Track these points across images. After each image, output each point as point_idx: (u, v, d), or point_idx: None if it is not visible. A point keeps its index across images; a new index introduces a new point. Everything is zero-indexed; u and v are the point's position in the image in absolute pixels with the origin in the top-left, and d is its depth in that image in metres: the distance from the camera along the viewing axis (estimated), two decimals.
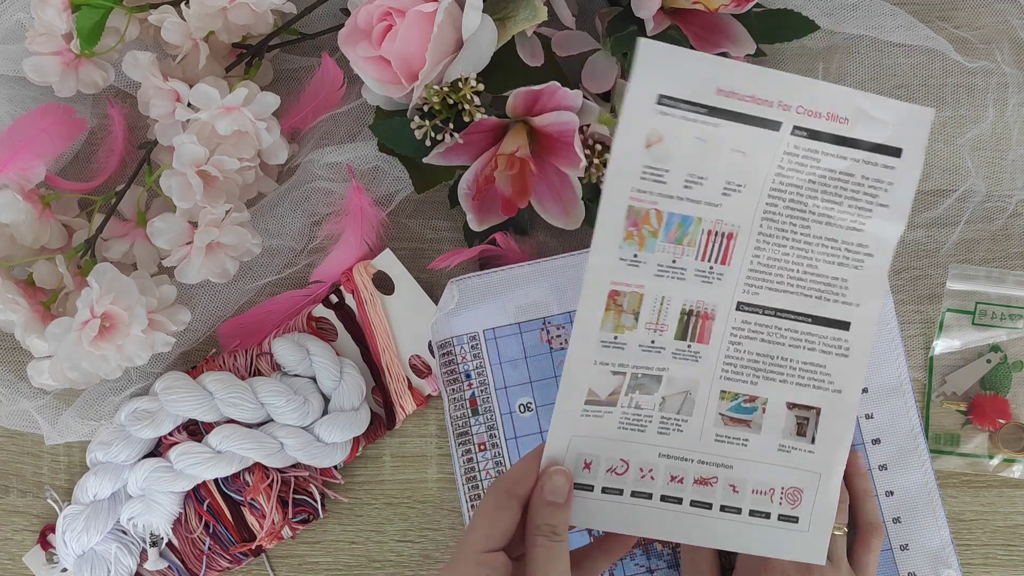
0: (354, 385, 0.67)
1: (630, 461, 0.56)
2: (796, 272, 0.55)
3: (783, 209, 0.55)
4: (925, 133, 0.54)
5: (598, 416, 0.56)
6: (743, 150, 0.53)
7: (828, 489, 0.57)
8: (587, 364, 0.55)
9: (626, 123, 0.52)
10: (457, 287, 0.67)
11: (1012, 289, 0.69)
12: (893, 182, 0.54)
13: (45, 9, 0.62)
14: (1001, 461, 0.68)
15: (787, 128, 0.53)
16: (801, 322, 0.56)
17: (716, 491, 0.56)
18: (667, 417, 0.56)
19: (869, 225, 0.55)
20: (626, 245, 0.54)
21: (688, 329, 0.56)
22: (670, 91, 0.52)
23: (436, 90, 0.61)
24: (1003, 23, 0.70)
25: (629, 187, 0.53)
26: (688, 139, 0.53)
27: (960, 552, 0.68)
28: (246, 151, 0.64)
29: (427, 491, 0.70)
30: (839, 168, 0.54)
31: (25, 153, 0.64)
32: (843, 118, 0.53)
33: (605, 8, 0.67)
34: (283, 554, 0.70)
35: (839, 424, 0.56)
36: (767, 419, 0.56)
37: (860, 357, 0.56)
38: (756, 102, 0.53)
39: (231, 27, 0.63)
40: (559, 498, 0.53)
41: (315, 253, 0.70)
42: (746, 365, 0.56)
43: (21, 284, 0.64)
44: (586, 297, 0.54)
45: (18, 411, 0.68)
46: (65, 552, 0.67)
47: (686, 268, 0.55)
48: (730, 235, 0.55)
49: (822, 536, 0.57)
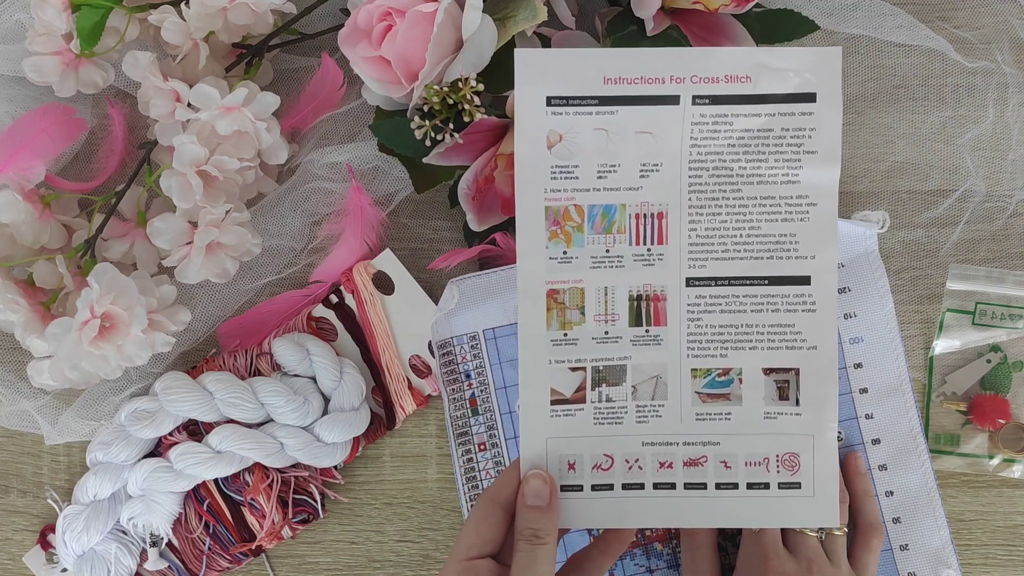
0: (354, 385, 0.67)
1: (614, 455, 0.56)
2: (739, 237, 0.55)
3: (708, 178, 0.55)
4: (837, 71, 0.54)
5: (570, 415, 0.56)
6: (649, 130, 0.54)
7: (825, 448, 0.56)
8: (541, 365, 0.56)
9: (521, 131, 0.54)
10: (457, 287, 0.67)
11: (1012, 289, 0.69)
12: (815, 127, 0.54)
13: (45, 9, 0.62)
14: (1001, 461, 0.68)
15: (686, 99, 0.54)
16: (758, 285, 0.55)
17: (708, 470, 0.56)
18: (642, 405, 0.56)
19: (803, 175, 0.55)
20: (552, 244, 0.55)
21: (641, 314, 0.56)
22: (556, 91, 0.54)
23: (436, 90, 0.61)
24: (1003, 23, 0.70)
25: (541, 188, 0.55)
26: (588, 132, 0.54)
27: (960, 552, 0.68)
28: (246, 151, 0.64)
29: (427, 491, 0.70)
30: (755, 126, 0.54)
31: (25, 153, 0.64)
32: (744, 77, 0.54)
33: (605, 8, 0.66)
34: (283, 554, 0.70)
35: (822, 381, 0.55)
36: (745, 389, 0.56)
37: (828, 309, 0.55)
38: (647, 82, 0.54)
39: (231, 27, 0.63)
40: (540, 501, 0.54)
41: (315, 253, 0.70)
42: (711, 339, 0.56)
43: (21, 284, 0.64)
44: (523, 301, 0.56)
45: (18, 411, 0.68)
46: (65, 552, 0.67)
47: (622, 255, 0.55)
48: (660, 214, 0.55)
49: (830, 498, 0.55)
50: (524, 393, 0.56)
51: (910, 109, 0.71)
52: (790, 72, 0.54)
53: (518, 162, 0.55)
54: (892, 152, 0.71)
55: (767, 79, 0.54)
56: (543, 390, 0.56)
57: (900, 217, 0.70)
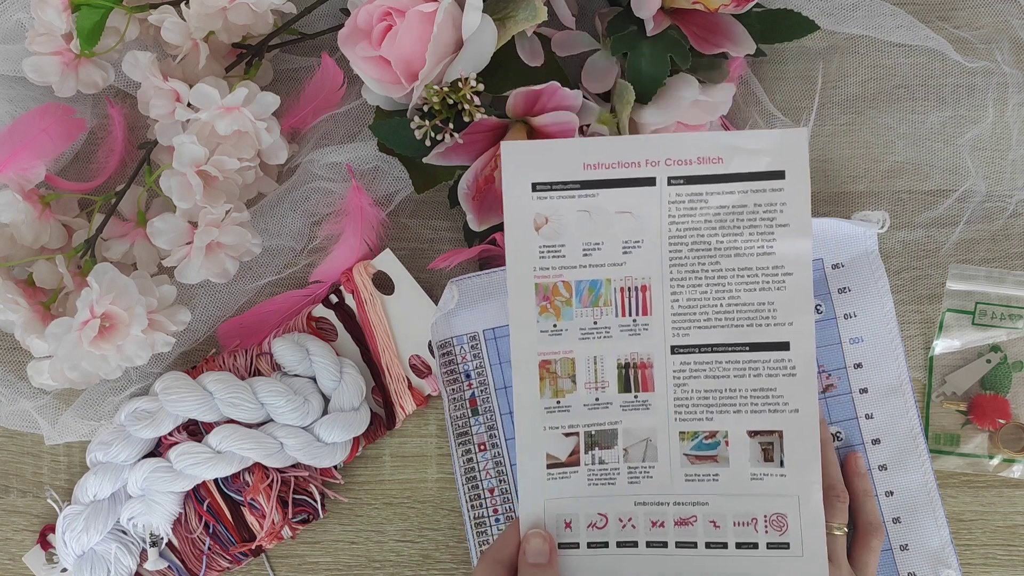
0: (354, 385, 0.67)
1: (608, 514, 0.59)
2: (720, 306, 0.58)
3: (688, 252, 0.58)
4: (804, 150, 0.57)
5: (565, 477, 0.59)
6: (629, 210, 0.58)
7: (811, 508, 0.58)
8: (536, 431, 0.60)
9: (510, 215, 0.59)
10: (457, 287, 0.67)
11: (1012, 289, 0.69)
12: (786, 202, 0.57)
13: (45, 9, 0.62)
14: (1001, 461, 0.68)
15: (662, 181, 0.58)
16: (740, 351, 0.58)
17: (698, 529, 0.58)
18: (634, 466, 0.59)
19: (777, 246, 0.57)
20: (542, 318, 0.59)
21: (629, 381, 0.59)
22: (541, 178, 0.58)
23: (436, 90, 0.61)
24: (1003, 23, 0.70)
25: (531, 267, 0.59)
26: (572, 213, 0.58)
27: (960, 552, 0.68)
28: (246, 151, 0.64)
29: (427, 491, 0.70)
30: (730, 203, 0.57)
31: (25, 153, 0.64)
32: (715, 159, 0.57)
33: (605, 8, 0.66)
34: (283, 554, 0.70)
35: (804, 442, 0.58)
36: (732, 451, 0.58)
37: (807, 373, 0.58)
38: (624, 166, 0.58)
39: (231, 27, 0.63)
40: (541, 559, 0.57)
41: (315, 253, 0.70)
42: (697, 403, 0.59)
43: (21, 284, 0.64)
44: (517, 371, 0.60)
45: (18, 411, 0.68)
46: (65, 552, 0.67)
47: (609, 326, 0.59)
48: (644, 287, 0.58)
49: (818, 556, 0.58)
50: (521, 458, 0.60)
51: (910, 109, 0.71)
52: (759, 152, 0.57)
53: (508, 243, 0.59)
54: (892, 152, 0.71)
55: (738, 159, 0.57)
56: (539, 455, 0.59)
57: (900, 217, 0.70)
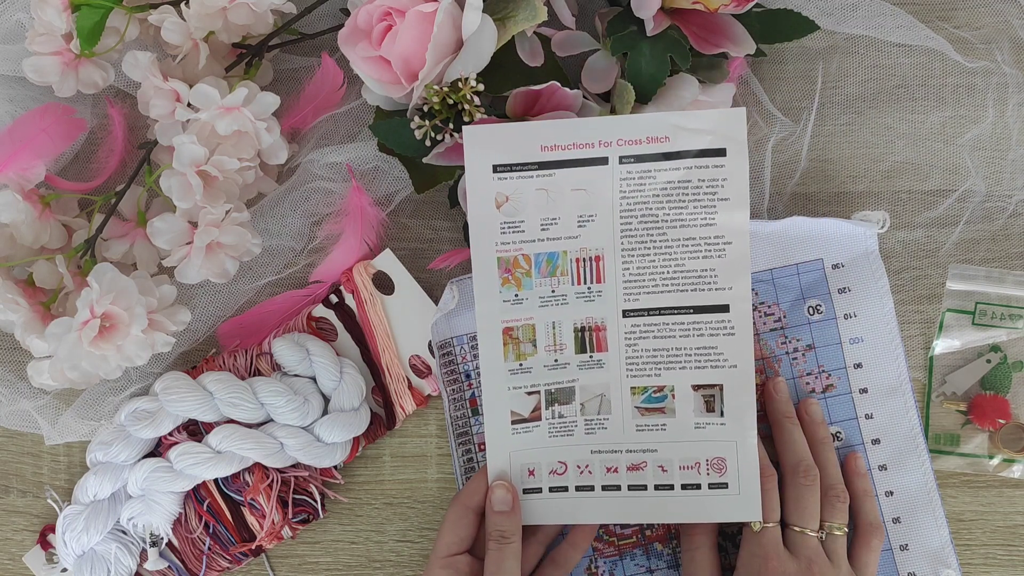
0: (354, 385, 0.67)
1: (567, 462, 0.65)
2: (667, 273, 0.63)
3: (638, 224, 0.63)
4: (742, 128, 0.61)
5: (528, 431, 0.65)
6: (583, 187, 0.63)
7: (746, 453, 0.63)
8: (502, 391, 0.65)
9: (472, 194, 0.63)
10: (457, 287, 0.67)
11: (1012, 289, 0.69)
12: (727, 177, 0.62)
13: (45, 9, 0.62)
14: (1001, 461, 0.68)
15: (614, 160, 0.62)
16: (685, 314, 0.63)
17: (647, 474, 0.64)
18: (590, 419, 0.64)
19: (718, 218, 0.62)
20: (505, 289, 0.64)
21: (585, 343, 0.64)
22: (501, 160, 0.63)
23: (436, 90, 0.61)
24: (1003, 23, 0.70)
25: (493, 243, 0.64)
26: (531, 192, 0.63)
27: (960, 552, 0.68)
28: (246, 151, 0.64)
29: (427, 491, 0.70)
30: (675, 178, 0.62)
31: (25, 153, 0.64)
32: (662, 138, 0.62)
33: (605, 8, 0.66)
34: (283, 554, 0.70)
35: (742, 394, 0.63)
36: (678, 403, 0.64)
37: (745, 332, 0.63)
38: (578, 147, 0.62)
39: (231, 27, 0.63)
40: (505, 507, 0.63)
41: (315, 253, 0.70)
42: (647, 361, 0.64)
43: (21, 284, 0.64)
44: (482, 338, 0.65)
45: (18, 411, 0.68)
46: (65, 552, 0.67)
47: (566, 294, 0.64)
48: (597, 257, 0.63)
49: (752, 496, 0.63)
50: (488, 415, 0.65)
51: (910, 109, 0.71)
52: (702, 132, 0.61)
53: (471, 221, 0.63)
54: (892, 152, 0.71)
55: (683, 138, 0.62)
56: (504, 412, 0.65)
57: (900, 217, 0.70)
